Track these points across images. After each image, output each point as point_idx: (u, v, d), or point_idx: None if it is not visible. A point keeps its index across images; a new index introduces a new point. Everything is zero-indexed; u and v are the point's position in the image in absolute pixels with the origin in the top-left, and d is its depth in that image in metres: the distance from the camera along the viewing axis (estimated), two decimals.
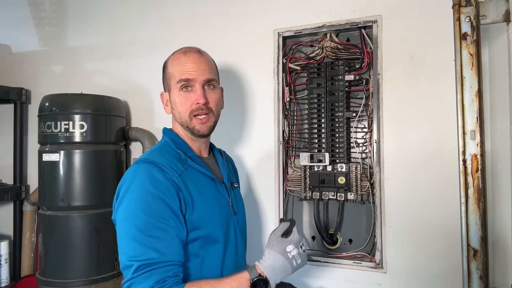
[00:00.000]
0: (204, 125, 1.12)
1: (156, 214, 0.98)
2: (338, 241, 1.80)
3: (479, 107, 1.20)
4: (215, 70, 1.19)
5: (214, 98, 1.14)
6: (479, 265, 1.19)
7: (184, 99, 1.12)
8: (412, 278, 1.62)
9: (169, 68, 1.16)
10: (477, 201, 1.20)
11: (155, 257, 0.95)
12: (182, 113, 1.12)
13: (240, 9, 1.95)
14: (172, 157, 1.09)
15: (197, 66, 1.12)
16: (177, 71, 1.12)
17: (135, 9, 2.18)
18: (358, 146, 1.77)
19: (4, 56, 2.53)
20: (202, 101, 1.10)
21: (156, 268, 0.95)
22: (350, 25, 1.73)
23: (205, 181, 1.12)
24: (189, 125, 1.12)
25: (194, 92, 1.11)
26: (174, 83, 1.13)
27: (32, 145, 2.41)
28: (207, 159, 1.21)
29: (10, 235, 2.40)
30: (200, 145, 1.20)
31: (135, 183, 1.01)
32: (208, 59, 1.18)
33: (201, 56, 1.15)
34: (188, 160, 1.10)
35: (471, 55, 1.21)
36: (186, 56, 1.14)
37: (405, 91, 1.65)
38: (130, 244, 0.98)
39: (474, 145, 1.20)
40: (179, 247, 1.00)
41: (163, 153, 1.10)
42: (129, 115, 2.20)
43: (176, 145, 1.14)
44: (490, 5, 1.25)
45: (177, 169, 1.05)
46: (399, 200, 1.65)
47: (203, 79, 1.11)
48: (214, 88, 1.15)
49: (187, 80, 1.11)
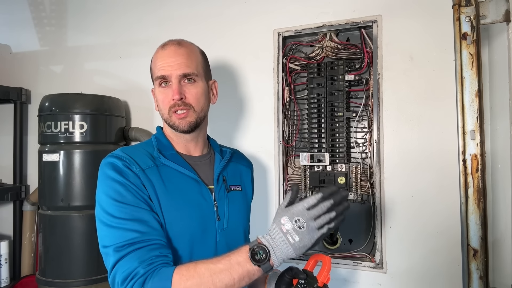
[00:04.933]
0: (183, 121, 1.06)
1: (128, 199, 0.95)
2: (338, 241, 1.80)
3: (479, 107, 1.20)
4: (197, 63, 1.10)
5: (193, 93, 1.07)
6: (479, 265, 1.20)
7: (163, 96, 1.07)
8: (412, 278, 1.62)
9: (152, 64, 1.13)
10: (477, 201, 1.20)
11: (135, 237, 0.91)
12: (163, 110, 1.09)
13: (240, 9, 1.95)
14: (143, 154, 1.06)
15: (174, 60, 1.06)
16: (156, 67, 1.09)
17: (135, 9, 2.18)
18: (358, 146, 1.77)
19: (4, 56, 2.53)
20: (177, 96, 1.04)
21: (139, 248, 0.90)
22: (350, 25, 1.73)
23: (182, 181, 1.06)
24: (169, 122, 1.08)
25: (171, 87, 1.06)
26: (154, 80, 1.10)
27: (32, 145, 2.41)
28: (197, 158, 1.15)
29: (10, 235, 2.40)
30: (187, 142, 1.13)
31: (100, 175, 1.01)
32: (188, 51, 1.09)
33: (179, 48, 1.08)
34: (160, 158, 1.06)
35: (471, 55, 1.21)
36: (163, 49, 1.09)
37: (405, 91, 1.65)
38: (105, 231, 0.95)
39: (474, 145, 1.20)
40: (159, 227, 0.95)
41: (135, 150, 1.08)
42: (129, 115, 2.20)
43: (157, 143, 1.11)
44: (490, 5, 1.25)
45: (143, 164, 1.02)
46: (399, 200, 1.65)
47: (178, 73, 1.05)
48: (194, 82, 1.08)
49: (163, 77, 1.06)
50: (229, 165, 1.22)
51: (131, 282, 0.86)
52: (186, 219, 1.03)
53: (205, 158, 1.17)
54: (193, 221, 1.04)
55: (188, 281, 0.86)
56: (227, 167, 1.20)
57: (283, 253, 0.87)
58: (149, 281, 0.86)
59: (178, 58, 1.06)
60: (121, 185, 0.97)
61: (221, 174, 1.16)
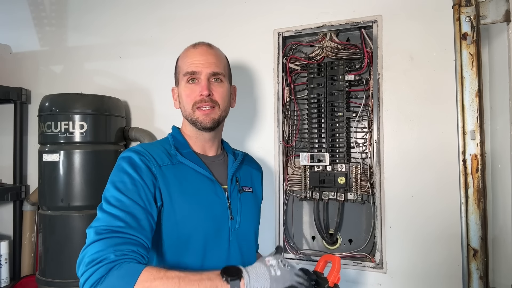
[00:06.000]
0: (207, 117, 1.09)
1: (130, 192, 0.96)
2: (338, 241, 1.80)
3: (479, 107, 1.20)
4: (224, 65, 1.16)
5: (220, 91, 1.11)
6: (479, 265, 1.20)
7: (189, 91, 1.10)
8: (412, 278, 1.62)
9: (179, 61, 1.16)
10: (477, 201, 1.20)
11: (121, 226, 0.90)
12: (186, 105, 1.11)
13: (240, 9, 1.95)
14: (161, 151, 1.08)
15: (204, 58, 1.10)
16: (185, 64, 1.12)
17: (135, 9, 2.18)
18: (358, 146, 1.77)
19: (4, 56, 2.53)
20: (206, 92, 1.07)
21: (119, 237, 0.88)
22: (350, 25, 1.73)
23: (197, 179, 1.08)
24: (192, 117, 1.10)
25: (199, 84, 1.10)
26: (182, 76, 1.12)
27: (32, 145, 2.41)
28: (212, 158, 1.17)
29: (10, 235, 2.40)
30: (205, 142, 1.16)
31: (115, 167, 1.02)
32: (218, 53, 1.15)
33: (210, 49, 1.14)
34: (178, 156, 1.08)
35: (471, 55, 1.21)
36: (195, 48, 1.13)
37: (405, 91, 1.65)
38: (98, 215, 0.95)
39: (474, 145, 1.20)
40: (148, 229, 0.95)
41: (153, 146, 1.09)
42: (129, 115, 2.20)
43: (174, 141, 1.13)
44: (490, 5, 1.25)
45: (160, 161, 1.04)
46: (399, 200, 1.65)
47: (208, 71, 1.09)
48: (221, 82, 1.12)
49: (193, 73, 1.09)
50: (242, 167, 1.23)
51: (98, 265, 0.84)
52: (200, 216, 1.05)
53: (219, 158, 1.20)
54: (207, 219, 1.06)
55: (155, 280, 0.83)
56: (239, 169, 1.22)
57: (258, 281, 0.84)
58: (115, 270, 0.83)
59: (209, 57, 1.11)
60: (130, 178, 0.98)
61: (234, 175, 1.17)
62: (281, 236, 1.84)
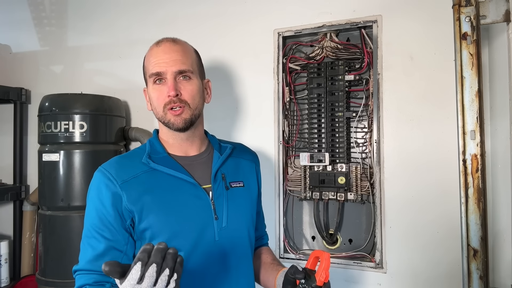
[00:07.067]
0: (179, 118, 1.04)
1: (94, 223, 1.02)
2: (338, 241, 1.80)
3: (479, 107, 1.20)
4: (193, 61, 1.09)
5: (189, 89, 1.06)
6: (479, 265, 1.20)
7: (158, 93, 1.06)
8: (412, 278, 1.62)
9: (145, 61, 1.12)
10: (477, 201, 1.20)
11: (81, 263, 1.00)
12: (157, 108, 1.07)
13: (240, 9, 1.95)
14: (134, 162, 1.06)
15: (169, 56, 1.05)
16: (150, 64, 1.07)
17: (135, 9, 2.18)
18: (358, 146, 1.77)
19: (4, 56, 2.53)
20: (173, 93, 1.02)
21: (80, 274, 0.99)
22: (350, 25, 1.73)
23: (173, 184, 1.04)
24: (164, 120, 1.07)
25: (166, 84, 1.05)
26: (148, 77, 1.08)
27: (32, 145, 2.41)
28: (193, 157, 1.13)
29: (10, 235, 2.40)
30: (182, 142, 1.11)
31: (89, 190, 1.08)
32: (184, 48, 1.09)
33: (174, 45, 1.07)
34: (150, 163, 1.05)
35: (471, 55, 1.21)
36: (158, 46, 1.08)
37: (405, 91, 1.65)
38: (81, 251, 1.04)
39: (474, 145, 1.20)
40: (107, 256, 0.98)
41: (125, 159, 1.10)
42: (129, 115, 2.20)
43: (150, 146, 1.10)
44: (490, 5, 1.25)
45: (127, 175, 1.03)
46: (399, 200, 1.65)
47: (174, 70, 1.04)
48: (190, 80, 1.07)
49: (158, 74, 1.05)
50: (229, 161, 1.17)
51: None
52: (180, 222, 1.02)
53: (202, 156, 1.15)
54: (186, 224, 1.03)
55: None
56: (226, 164, 1.16)
57: None
58: None
59: (173, 55, 1.05)
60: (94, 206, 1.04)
61: (219, 171, 1.13)
62: (281, 236, 1.84)
